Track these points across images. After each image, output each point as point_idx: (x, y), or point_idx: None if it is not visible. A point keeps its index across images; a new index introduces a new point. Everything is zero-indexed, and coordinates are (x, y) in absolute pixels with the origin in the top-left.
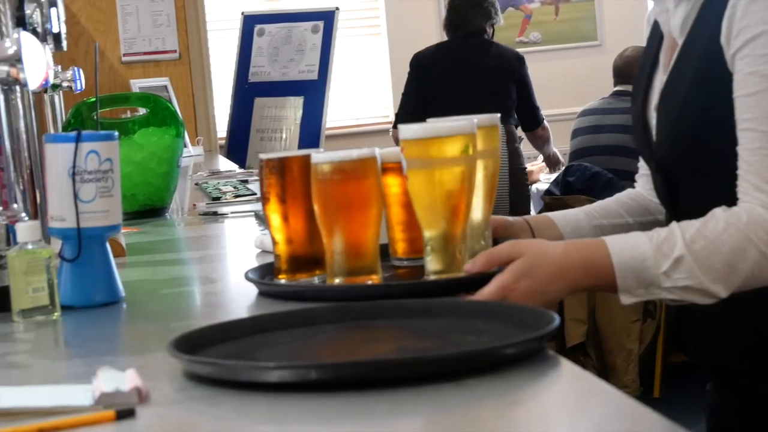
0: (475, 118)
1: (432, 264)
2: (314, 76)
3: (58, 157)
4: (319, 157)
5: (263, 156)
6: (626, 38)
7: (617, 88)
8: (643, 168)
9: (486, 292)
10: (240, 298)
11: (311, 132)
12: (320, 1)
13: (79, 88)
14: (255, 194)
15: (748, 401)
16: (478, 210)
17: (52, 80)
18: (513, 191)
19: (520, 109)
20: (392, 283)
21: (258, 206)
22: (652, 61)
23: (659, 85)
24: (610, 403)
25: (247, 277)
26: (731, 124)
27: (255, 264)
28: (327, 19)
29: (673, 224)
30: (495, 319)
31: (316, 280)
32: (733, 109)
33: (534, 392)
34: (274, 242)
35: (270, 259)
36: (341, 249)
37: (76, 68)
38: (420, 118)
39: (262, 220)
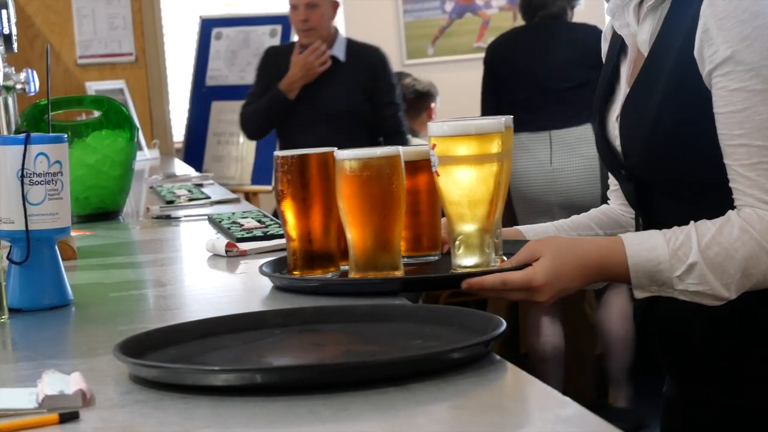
0: (503, 119)
1: (460, 258)
2: None
3: (6, 159)
4: (345, 154)
5: (278, 153)
6: None
7: None
8: (614, 184)
9: (514, 280)
10: (190, 302)
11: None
12: (278, 6)
13: (32, 90)
14: (209, 198)
15: (703, 402)
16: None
17: (3, 82)
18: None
19: None
20: (423, 276)
21: (211, 210)
22: (611, 74)
23: (621, 97)
24: (556, 408)
25: (261, 272)
26: (706, 136)
27: (206, 268)
28: (284, 23)
29: (691, 227)
30: (442, 324)
31: (330, 276)
32: (708, 121)
33: (479, 397)
34: (289, 239)
35: (222, 261)
36: (365, 244)
37: (30, 70)
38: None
39: (216, 223)
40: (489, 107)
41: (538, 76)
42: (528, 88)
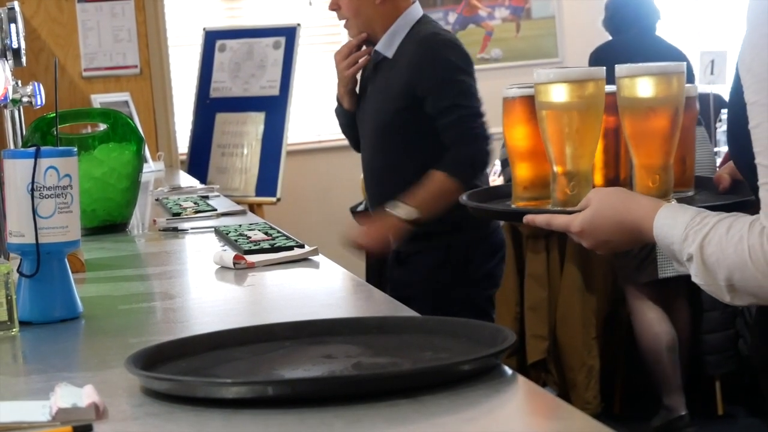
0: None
1: (552, 194)
2: (276, 91)
3: (17, 172)
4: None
5: (507, 95)
6: (586, 55)
7: None
8: None
9: (555, 223)
10: (199, 315)
11: (273, 148)
12: (282, 18)
13: (39, 103)
14: (215, 210)
15: None
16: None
17: (11, 95)
18: None
19: None
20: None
21: (218, 222)
22: None
23: None
24: (566, 419)
25: (463, 201)
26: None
27: (214, 280)
28: (288, 35)
29: (721, 216)
30: (451, 336)
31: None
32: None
33: (490, 409)
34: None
35: (230, 273)
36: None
37: (36, 83)
38: None
39: (223, 236)
40: None
41: None
42: None
